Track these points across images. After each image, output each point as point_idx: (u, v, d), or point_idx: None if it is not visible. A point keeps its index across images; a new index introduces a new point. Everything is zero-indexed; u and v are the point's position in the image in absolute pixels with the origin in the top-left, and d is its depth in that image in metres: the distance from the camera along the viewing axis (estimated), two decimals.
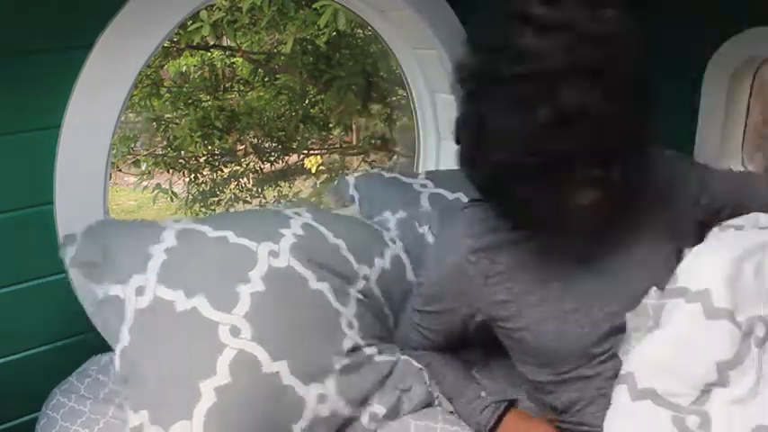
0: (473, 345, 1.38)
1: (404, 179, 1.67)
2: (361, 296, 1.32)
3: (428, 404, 1.29)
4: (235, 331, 1.15)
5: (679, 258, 1.10)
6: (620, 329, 1.10)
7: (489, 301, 1.19)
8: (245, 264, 1.23)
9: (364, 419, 1.23)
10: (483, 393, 1.23)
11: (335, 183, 1.81)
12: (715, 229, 1.12)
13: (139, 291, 1.19)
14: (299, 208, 1.46)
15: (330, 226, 1.37)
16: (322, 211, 1.51)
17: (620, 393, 0.97)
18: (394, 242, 1.44)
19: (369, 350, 1.27)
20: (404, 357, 1.30)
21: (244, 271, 1.22)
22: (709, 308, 0.94)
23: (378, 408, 1.24)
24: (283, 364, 1.16)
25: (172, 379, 1.13)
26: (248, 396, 1.13)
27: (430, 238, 1.48)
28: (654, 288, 1.08)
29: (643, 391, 0.95)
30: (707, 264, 0.98)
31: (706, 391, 0.94)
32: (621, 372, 1.00)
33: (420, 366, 1.30)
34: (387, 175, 1.70)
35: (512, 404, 1.22)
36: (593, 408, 1.12)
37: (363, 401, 1.23)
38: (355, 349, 1.25)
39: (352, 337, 1.25)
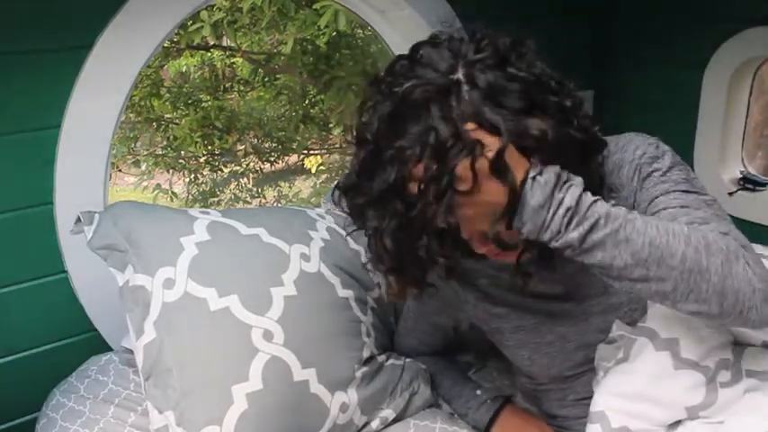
0: (469, 347, 1.38)
1: None
2: (375, 305, 1.31)
3: (432, 404, 1.29)
4: (268, 335, 1.12)
5: None
6: (593, 360, 1.08)
7: (470, 314, 1.19)
8: (278, 266, 1.20)
9: (374, 424, 1.22)
10: (479, 391, 1.24)
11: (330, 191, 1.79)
12: None
13: (167, 284, 1.14)
14: (318, 209, 1.44)
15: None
16: (339, 214, 1.49)
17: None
18: None
19: (380, 358, 1.27)
20: (408, 360, 1.30)
21: (277, 273, 1.19)
22: (677, 358, 0.96)
23: (388, 412, 1.23)
24: (312, 372, 1.14)
25: (202, 381, 1.09)
26: (278, 404, 1.10)
27: None
28: (617, 320, 1.05)
29: (616, 430, 0.98)
30: (675, 312, 0.95)
31: (674, 424, 0.98)
32: (592, 409, 1.01)
33: (425, 367, 1.30)
34: None
35: (508, 400, 1.23)
36: (572, 414, 1.14)
37: (377, 408, 1.22)
38: (371, 358, 1.24)
39: (369, 346, 1.24)
